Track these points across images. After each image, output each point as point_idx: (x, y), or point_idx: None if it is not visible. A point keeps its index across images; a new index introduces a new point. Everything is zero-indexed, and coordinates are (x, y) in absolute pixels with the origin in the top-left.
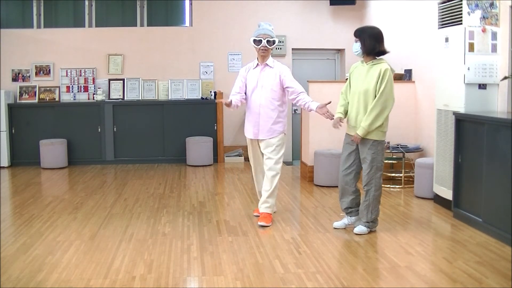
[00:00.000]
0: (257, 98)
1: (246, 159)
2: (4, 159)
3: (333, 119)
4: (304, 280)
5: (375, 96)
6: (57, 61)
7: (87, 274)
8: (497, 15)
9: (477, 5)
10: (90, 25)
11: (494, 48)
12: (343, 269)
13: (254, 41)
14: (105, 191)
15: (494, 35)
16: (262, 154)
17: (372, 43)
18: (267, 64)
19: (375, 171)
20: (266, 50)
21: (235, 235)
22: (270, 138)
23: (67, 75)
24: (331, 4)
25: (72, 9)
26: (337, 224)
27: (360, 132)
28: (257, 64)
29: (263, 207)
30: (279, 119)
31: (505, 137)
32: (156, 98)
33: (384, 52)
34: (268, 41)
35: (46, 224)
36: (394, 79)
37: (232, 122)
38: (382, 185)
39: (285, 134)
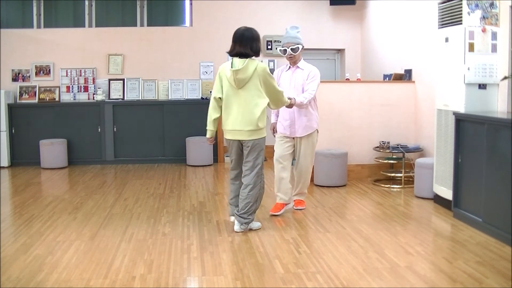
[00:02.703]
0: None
1: None
2: (4, 159)
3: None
4: (304, 280)
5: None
6: (57, 61)
7: (87, 274)
8: (497, 15)
9: (477, 5)
10: (90, 25)
11: (494, 48)
12: (343, 269)
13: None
14: (105, 191)
15: (494, 35)
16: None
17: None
18: (298, 67)
19: None
20: (292, 57)
21: (235, 235)
22: (308, 135)
23: (67, 75)
24: (331, 4)
25: (72, 9)
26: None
27: None
28: (289, 66)
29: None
30: (312, 116)
31: (505, 137)
32: (156, 98)
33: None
34: (292, 49)
35: (46, 224)
36: (394, 79)
37: None
38: (382, 185)
39: (317, 131)
